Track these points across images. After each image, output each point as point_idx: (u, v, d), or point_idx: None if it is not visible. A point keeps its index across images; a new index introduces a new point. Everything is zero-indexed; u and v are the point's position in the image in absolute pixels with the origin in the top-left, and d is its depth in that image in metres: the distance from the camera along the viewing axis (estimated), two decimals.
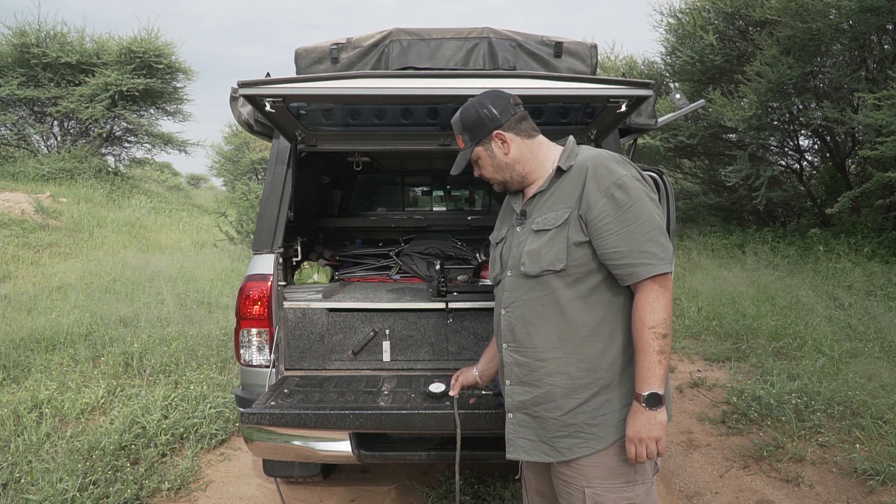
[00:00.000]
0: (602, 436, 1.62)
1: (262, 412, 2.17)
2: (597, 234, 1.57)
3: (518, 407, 1.71)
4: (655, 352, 1.53)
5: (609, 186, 1.56)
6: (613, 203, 1.55)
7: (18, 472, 3.07)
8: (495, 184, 1.80)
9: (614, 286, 1.62)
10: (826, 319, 5.71)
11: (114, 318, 5.97)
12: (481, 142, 1.73)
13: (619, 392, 1.62)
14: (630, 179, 1.58)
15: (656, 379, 1.54)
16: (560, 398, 1.63)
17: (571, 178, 1.64)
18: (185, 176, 29.57)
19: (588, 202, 1.58)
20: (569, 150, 1.70)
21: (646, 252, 1.54)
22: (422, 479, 3.20)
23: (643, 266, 1.53)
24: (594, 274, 1.61)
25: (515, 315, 1.69)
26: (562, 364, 1.63)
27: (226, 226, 10.95)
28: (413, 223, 4.23)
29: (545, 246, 1.62)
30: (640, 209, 1.55)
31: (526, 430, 1.70)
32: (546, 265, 1.61)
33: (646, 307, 1.54)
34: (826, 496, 3.03)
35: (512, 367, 1.71)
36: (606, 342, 1.62)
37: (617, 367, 1.62)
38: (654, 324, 1.53)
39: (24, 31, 14.80)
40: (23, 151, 15.76)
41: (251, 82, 2.15)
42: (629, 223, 1.54)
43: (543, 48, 2.96)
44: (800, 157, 11.22)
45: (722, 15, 10.22)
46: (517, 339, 1.69)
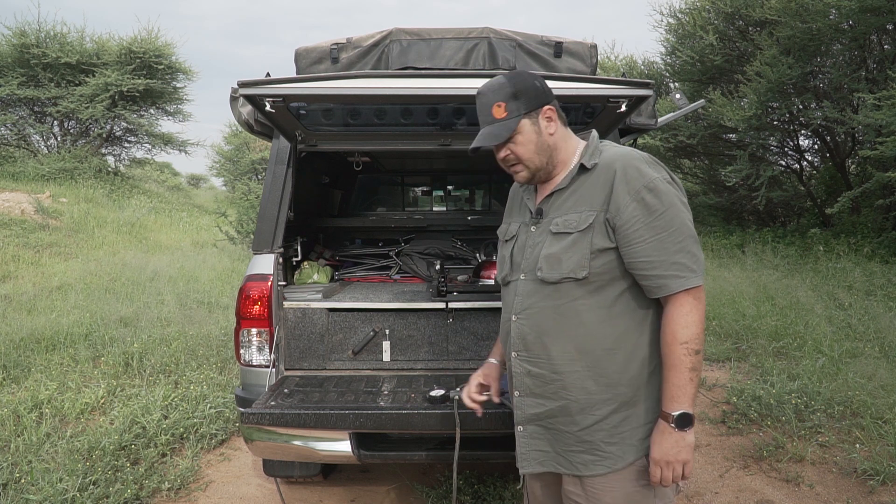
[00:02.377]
0: (620, 455, 1.50)
1: (262, 412, 2.17)
2: (625, 242, 1.45)
3: (530, 419, 1.60)
4: (687, 369, 1.42)
5: (639, 189, 1.44)
6: (644, 208, 1.43)
7: (18, 472, 3.07)
8: (523, 171, 1.58)
9: (639, 296, 1.50)
10: (826, 319, 5.71)
11: (114, 318, 5.97)
12: (530, 113, 1.53)
13: (640, 409, 1.51)
14: (662, 182, 1.45)
15: (687, 398, 1.43)
16: (576, 413, 1.52)
17: (597, 178, 1.51)
18: (185, 176, 29.58)
19: (617, 206, 1.45)
20: (593, 147, 1.57)
21: (677, 263, 1.43)
22: (422, 479, 3.20)
23: (674, 279, 1.43)
24: (618, 282, 1.49)
25: (529, 323, 1.56)
26: (579, 378, 1.50)
27: (226, 226, 10.96)
28: (413, 223, 4.23)
29: (566, 251, 1.48)
30: (673, 216, 1.44)
31: (539, 442, 1.59)
32: (566, 272, 1.48)
33: (678, 321, 1.43)
34: (826, 496, 3.03)
35: (523, 377, 1.59)
36: (628, 356, 1.50)
37: (638, 382, 1.51)
38: (686, 339, 1.42)
39: (23, 31, 14.81)
40: (23, 151, 15.77)
41: (251, 82, 2.15)
42: (660, 231, 1.43)
43: (543, 48, 2.96)
44: (800, 157, 11.22)
45: (722, 15, 10.22)
46: (530, 349, 1.56)
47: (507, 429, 2.13)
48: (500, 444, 2.32)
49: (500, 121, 1.53)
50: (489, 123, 1.55)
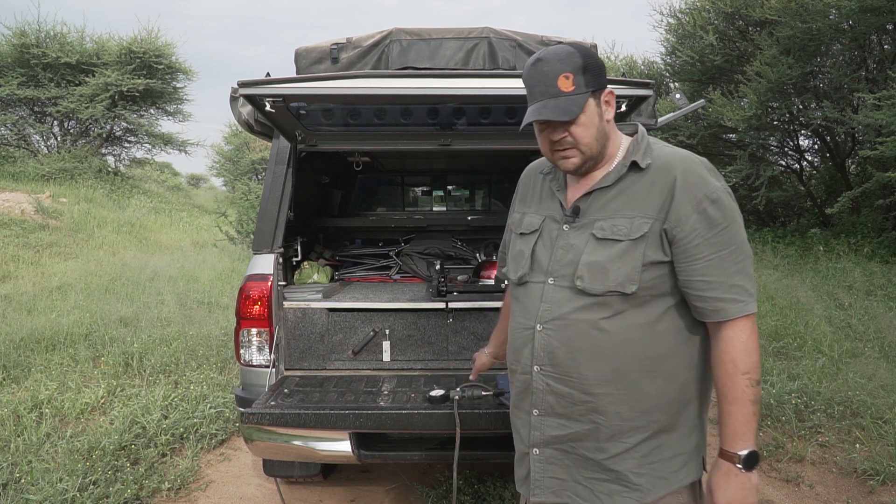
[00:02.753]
0: (649, 488, 1.36)
1: (262, 412, 2.17)
2: (684, 257, 1.30)
3: (549, 442, 1.43)
4: (750, 402, 1.30)
5: (701, 199, 1.29)
6: (705, 221, 1.29)
7: (18, 472, 3.07)
8: (576, 157, 1.37)
9: (684, 315, 1.37)
10: (826, 319, 5.71)
11: (114, 318, 5.97)
12: (596, 92, 1.34)
13: (673, 438, 1.38)
14: (725, 194, 1.32)
15: (752, 435, 1.31)
16: (605, 440, 1.37)
17: (651, 181, 1.34)
18: (185, 176, 29.55)
19: (678, 216, 1.29)
20: (644, 144, 1.40)
21: (737, 286, 1.30)
22: (422, 479, 3.20)
23: (733, 303, 1.30)
24: (664, 298, 1.35)
25: (559, 336, 1.37)
26: (613, 402, 1.35)
27: (226, 226, 10.96)
28: (413, 223, 4.23)
29: (615, 261, 1.31)
30: (735, 232, 1.31)
31: (556, 468, 1.43)
32: (613, 285, 1.31)
33: (738, 348, 1.30)
34: (826, 496, 3.03)
35: (545, 395, 1.41)
36: (667, 380, 1.36)
37: (674, 409, 1.37)
38: (748, 369, 1.29)
39: (23, 31, 14.81)
40: (23, 151, 15.77)
41: (251, 82, 2.15)
42: (721, 248, 1.29)
43: (543, 48, 2.96)
44: (800, 157, 11.22)
45: (722, 15, 10.22)
46: (558, 365, 1.38)
47: (507, 429, 2.14)
48: (500, 444, 2.32)
49: (567, 94, 1.31)
50: (552, 96, 1.31)
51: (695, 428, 1.41)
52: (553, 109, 1.31)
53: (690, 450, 1.41)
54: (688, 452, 1.40)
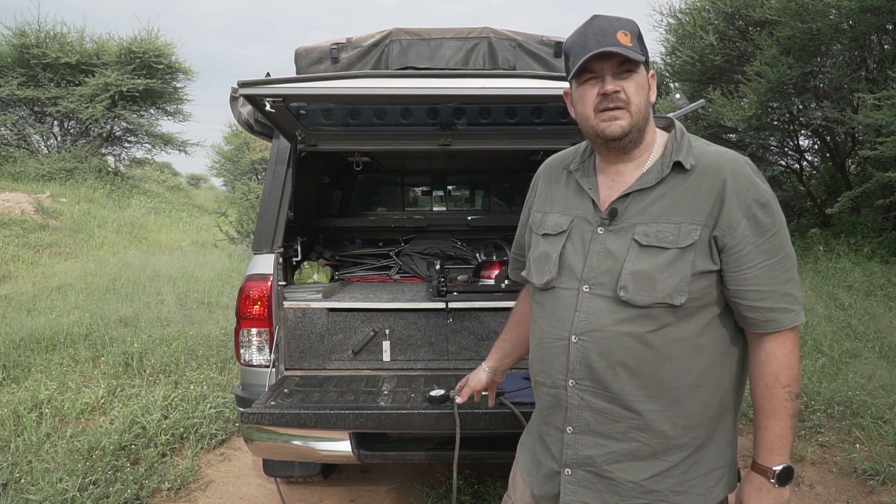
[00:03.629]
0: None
1: (262, 412, 2.17)
2: (735, 266, 1.22)
3: (582, 462, 1.33)
4: (789, 416, 1.25)
5: (751, 204, 1.21)
6: (755, 227, 1.21)
7: (18, 472, 3.07)
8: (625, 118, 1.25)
9: (727, 324, 1.29)
10: (826, 319, 5.71)
11: (114, 318, 5.97)
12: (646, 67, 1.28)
13: (709, 452, 1.32)
14: (772, 198, 1.24)
15: (788, 449, 1.26)
16: (646, 458, 1.29)
17: (697, 184, 1.25)
18: (185, 176, 29.56)
19: (729, 222, 1.21)
20: (685, 143, 1.30)
21: (788, 295, 1.23)
22: (422, 479, 3.20)
23: (785, 312, 1.23)
24: (709, 309, 1.26)
25: (598, 349, 1.28)
26: (657, 419, 1.27)
27: (226, 226, 10.96)
28: (413, 223, 4.23)
29: (663, 271, 1.22)
30: (784, 238, 1.24)
31: (588, 493, 1.33)
32: (662, 296, 1.21)
33: (781, 361, 1.24)
34: (826, 496, 3.03)
35: (581, 411, 1.32)
36: (710, 394, 1.29)
37: (713, 423, 1.31)
38: (788, 382, 1.24)
39: (23, 31, 14.82)
40: (23, 151, 15.77)
41: (251, 82, 2.15)
42: (771, 255, 1.22)
43: (543, 48, 2.96)
44: (800, 157, 11.22)
45: (722, 15, 10.23)
46: (598, 380, 1.29)
47: (506, 429, 2.14)
48: (500, 444, 2.32)
49: (627, 47, 1.22)
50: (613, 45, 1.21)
51: (730, 441, 1.36)
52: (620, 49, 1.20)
53: (726, 463, 1.35)
54: (723, 466, 1.35)
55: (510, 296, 2.82)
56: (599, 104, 1.26)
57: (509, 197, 4.84)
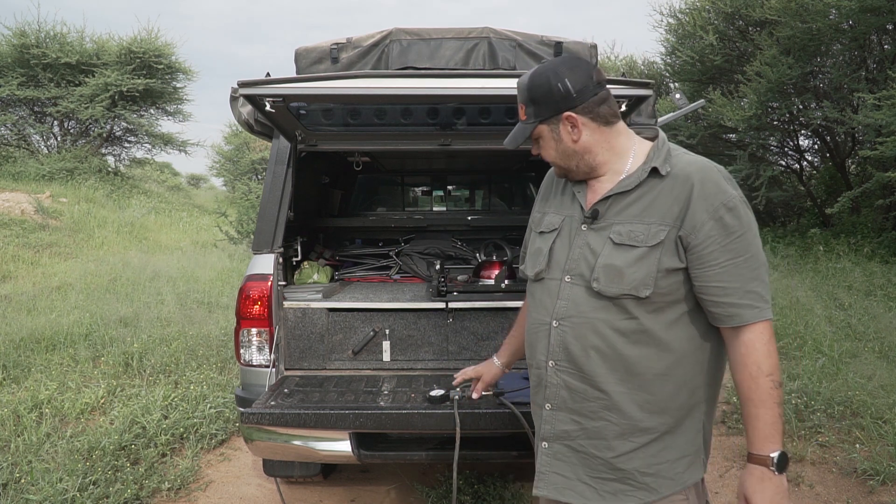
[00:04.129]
0: (655, 488, 1.40)
1: (262, 412, 2.17)
2: (698, 263, 1.34)
3: (558, 437, 1.46)
4: (776, 403, 1.32)
5: (718, 208, 1.32)
6: (722, 228, 1.32)
7: (18, 472, 3.07)
8: (556, 168, 1.53)
9: (698, 321, 1.40)
10: (826, 319, 5.71)
11: (114, 318, 5.97)
12: (547, 120, 1.43)
13: (680, 440, 1.42)
14: (741, 203, 1.35)
15: (780, 435, 1.33)
16: (613, 438, 1.40)
17: (669, 189, 1.37)
18: (185, 176, 29.55)
19: (693, 224, 1.33)
20: (664, 151, 1.42)
21: (752, 292, 1.33)
22: (422, 479, 3.20)
23: (749, 309, 1.32)
24: (679, 304, 1.38)
25: (574, 333, 1.42)
26: (624, 401, 1.39)
27: (226, 226, 10.95)
28: (413, 223, 4.23)
29: (631, 266, 1.35)
30: (751, 240, 1.34)
31: (562, 465, 1.46)
32: (628, 289, 1.35)
33: (761, 351, 1.32)
34: (826, 496, 3.03)
35: (559, 389, 1.45)
36: (679, 384, 1.39)
37: (683, 412, 1.41)
38: (770, 370, 1.32)
39: (23, 31, 14.81)
40: (23, 151, 15.77)
41: (251, 82, 2.15)
42: (737, 255, 1.32)
43: (543, 48, 2.96)
44: (800, 157, 11.22)
45: (722, 15, 10.22)
46: (573, 361, 1.42)
47: (506, 429, 2.14)
48: (500, 444, 2.32)
49: (523, 123, 1.47)
50: (517, 122, 1.51)
51: (700, 430, 1.44)
52: (509, 137, 1.51)
53: (695, 451, 1.44)
54: (692, 454, 1.43)
55: (510, 296, 2.82)
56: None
57: (509, 197, 4.84)
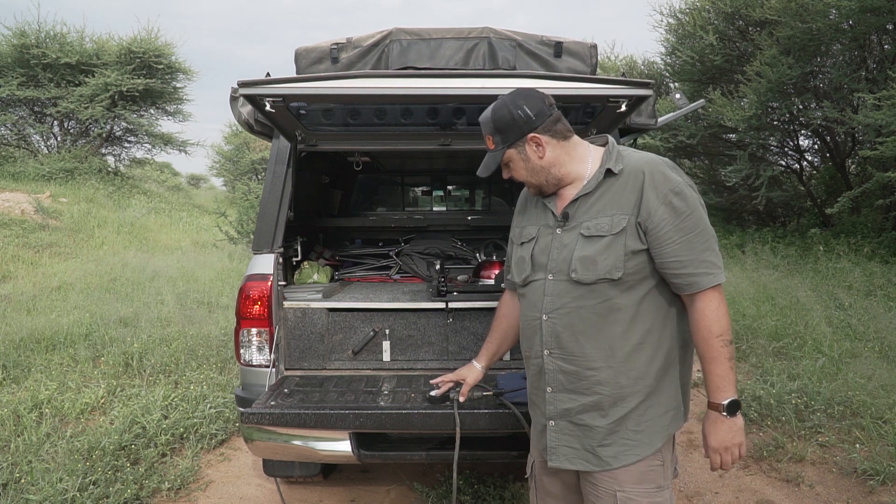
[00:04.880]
0: (647, 442, 1.60)
1: (262, 412, 2.17)
2: (656, 243, 1.54)
3: (561, 415, 1.66)
4: (726, 359, 1.54)
5: (667, 194, 1.53)
6: (672, 211, 1.53)
7: (18, 472, 3.07)
8: (529, 187, 1.74)
9: (663, 293, 1.60)
10: (826, 319, 5.71)
11: (114, 318, 5.97)
12: (514, 144, 1.65)
13: (660, 398, 1.62)
14: (686, 187, 1.56)
15: (732, 385, 1.55)
16: (608, 407, 1.60)
17: (624, 183, 1.59)
18: (185, 176, 29.55)
19: (648, 210, 1.54)
20: (615, 153, 1.64)
21: (705, 262, 1.54)
22: (422, 479, 3.20)
23: (704, 276, 1.53)
24: (646, 281, 1.58)
25: (562, 322, 1.62)
26: (612, 373, 1.59)
27: (226, 226, 10.96)
28: (413, 223, 4.22)
29: (601, 253, 1.55)
30: (698, 218, 1.55)
31: (569, 439, 1.65)
32: (603, 273, 1.55)
33: (710, 315, 1.54)
34: (826, 496, 3.03)
35: (556, 374, 1.65)
36: (653, 350, 1.60)
37: (659, 373, 1.61)
38: (720, 331, 1.54)
39: (23, 31, 14.81)
40: (23, 151, 15.77)
41: (251, 82, 2.14)
42: (688, 232, 1.53)
43: (543, 48, 2.96)
44: (800, 157, 11.22)
45: (722, 15, 10.22)
46: (564, 347, 1.62)
47: (506, 429, 2.14)
48: (500, 444, 2.32)
49: (492, 151, 1.69)
50: (488, 151, 1.71)
51: (679, 388, 1.66)
52: (482, 166, 1.73)
53: (675, 405, 1.66)
54: (674, 408, 1.65)
55: None
56: None
57: (509, 197, 4.84)
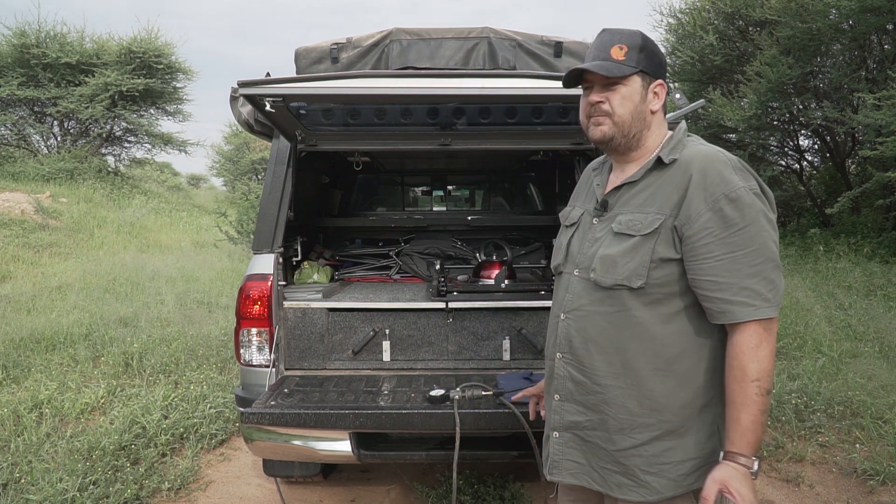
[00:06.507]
0: (657, 488, 1.36)
1: (262, 412, 2.17)
2: (691, 255, 1.29)
3: (567, 427, 1.47)
4: (760, 410, 1.25)
5: (718, 198, 1.27)
6: (720, 220, 1.26)
7: (18, 472, 3.07)
8: (607, 125, 1.39)
9: (701, 316, 1.34)
10: (826, 319, 5.71)
11: (114, 318, 5.97)
12: (646, 75, 1.37)
13: (688, 442, 1.36)
14: (747, 193, 1.27)
15: (759, 440, 1.27)
16: (614, 432, 1.39)
17: (671, 177, 1.35)
18: (185, 176, 29.53)
19: (689, 214, 1.29)
20: (676, 140, 1.40)
21: (748, 289, 1.25)
22: (422, 479, 3.20)
23: (742, 306, 1.26)
24: (677, 298, 1.34)
25: (576, 326, 1.43)
26: (621, 395, 1.37)
27: (226, 226, 10.95)
28: (413, 223, 4.23)
29: (624, 255, 1.33)
30: (753, 234, 1.26)
31: (574, 452, 1.47)
32: (620, 278, 1.33)
33: (748, 354, 1.26)
34: (826, 496, 3.03)
35: (566, 381, 1.46)
36: (679, 381, 1.35)
37: (689, 412, 1.36)
38: (758, 376, 1.25)
39: (24, 31, 14.80)
40: (23, 151, 15.77)
41: (251, 82, 2.15)
42: (735, 248, 1.26)
43: (543, 48, 2.96)
44: (800, 157, 11.22)
45: (722, 15, 10.22)
46: (575, 354, 1.44)
47: (506, 429, 2.14)
48: (500, 444, 2.32)
49: (615, 61, 1.36)
50: (602, 59, 1.37)
51: (712, 435, 1.38)
52: (597, 66, 1.35)
53: (706, 455, 1.36)
54: (702, 458, 1.36)
55: (510, 296, 2.82)
56: (589, 111, 1.42)
57: (509, 197, 4.84)
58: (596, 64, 1.36)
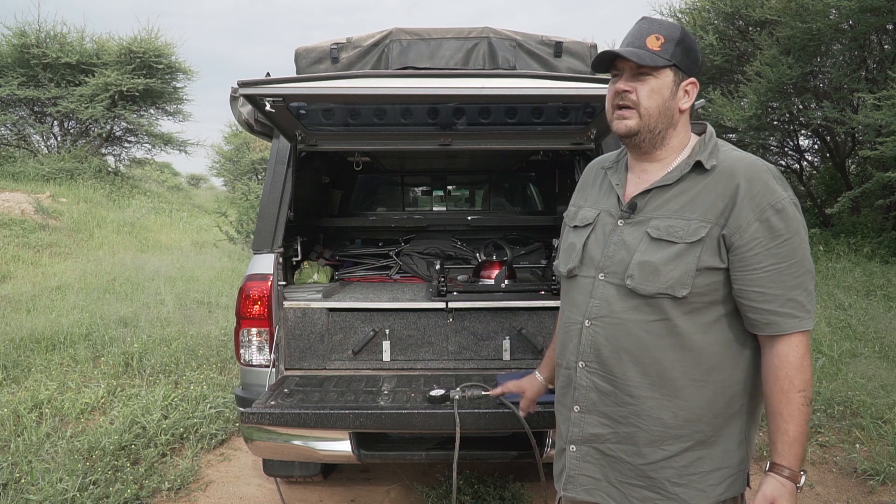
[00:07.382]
0: (686, 500, 1.32)
1: (262, 412, 2.17)
2: (740, 265, 1.27)
3: (587, 440, 1.41)
4: (806, 421, 1.25)
5: (765, 208, 1.25)
6: (768, 230, 1.25)
7: (18, 472, 3.07)
8: (633, 119, 1.33)
9: (736, 325, 1.33)
10: (825, 320, 5.71)
11: (113, 319, 5.97)
12: (679, 70, 1.32)
13: (717, 451, 1.34)
14: (790, 204, 1.27)
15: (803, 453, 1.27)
16: (644, 445, 1.34)
17: (714, 184, 1.30)
18: (185, 176, 29.56)
19: (738, 223, 1.26)
20: (711, 145, 1.36)
21: (793, 301, 1.26)
22: (422, 479, 3.20)
23: (788, 318, 1.25)
24: (716, 306, 1.31)
25: (606, 334, 1.36)
26: (656, 407, 1.32)
27: (226, 226, 10.95)
28: (413, 223, 4.23)
29: (668, 263, 1.28)
30: (797, 245, 1.26)
31: (590, 467, 1.41)
32: (664, 287, 1.28)
33: (794, 365, 1.26)
34: (826, 496, 3.03)
35: (588, 391, 1.40)
36: (716, 391, 1.32)
37: (720, 421, 1.33)
38: (804, 386, 1.25)
39: (24, 31, 14.80)
40: (23, 151, 15.77)
41: (251, 82, 2.15)
42: (782, 259, 1.25)
43: (543, 48, 2.97)
44: (800, 157, 11.23)
45: (722, 15, 10.23)
46: (603, 363, 1.37)
47: (506, 429, 2.14)
48: (500, 444, 2.33)
49: (650, 51, 1.30)
50: (637, 47, 1.31)
51: (741, 443, 1.36)
52: (630, 52, 1.30)
53: (734, 465, 1.35)
54: (731, 467, 1.35)
55: (510, 296, 2.82)
56: (615, 100, 1.36)
57: (509, 197, 4.84)
58: (629, 50, 1.30)
